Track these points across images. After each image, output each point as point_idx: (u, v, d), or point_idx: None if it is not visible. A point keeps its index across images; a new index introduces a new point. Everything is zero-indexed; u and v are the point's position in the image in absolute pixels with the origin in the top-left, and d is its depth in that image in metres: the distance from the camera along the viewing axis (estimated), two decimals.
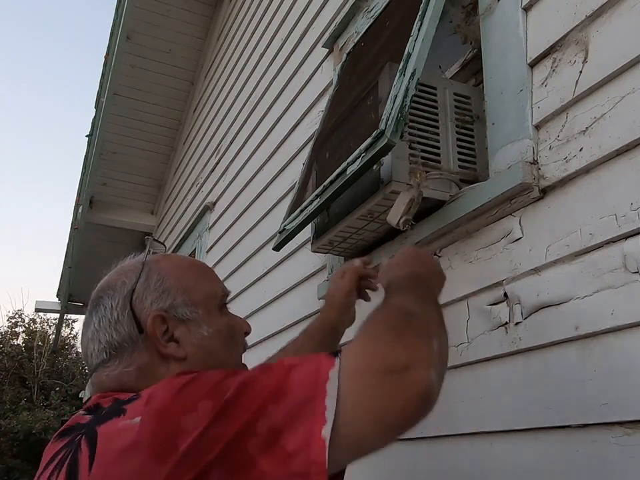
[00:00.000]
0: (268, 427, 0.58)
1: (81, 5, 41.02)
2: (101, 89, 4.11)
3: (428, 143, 1.14)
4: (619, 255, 0.83)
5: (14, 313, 15.31)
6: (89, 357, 0.79)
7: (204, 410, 0.59)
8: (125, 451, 0.60)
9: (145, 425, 0.60)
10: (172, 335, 0.77)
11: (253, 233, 2.51)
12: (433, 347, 0.66)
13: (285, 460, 0.57)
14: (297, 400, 0.59)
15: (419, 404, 0.63)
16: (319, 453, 0.57)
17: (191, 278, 0.83)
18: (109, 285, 0.81)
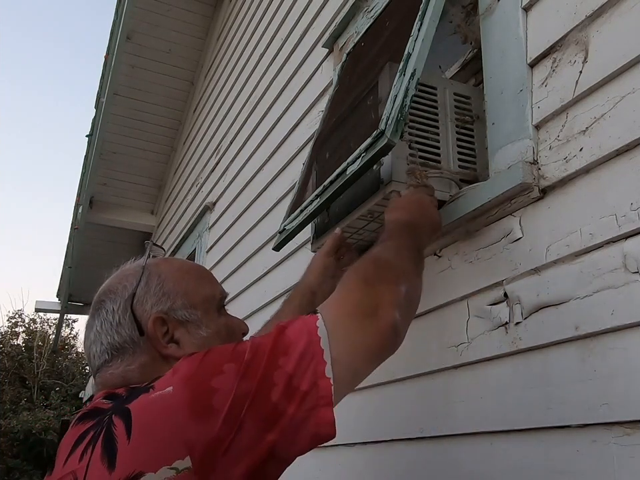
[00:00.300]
0: (283, 376, 0.67)
1: (81, 5, 41.01)
2: (101, 89, 4.11)
3: (428, 142, 1.14)
4: (619, 255, 0.83)
5: (14, 313, 15.31)
6: (92, 358, 0.82)
7: (230, 371, 0.67)
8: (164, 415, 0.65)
9: (178, 390, 0.66)
10: (172, 336, 0.81)
11: (253, 233, 2.51)
12: (398, 292, 0.81)
13: (302, 399, 0.67)
14: (300, 349, 0.70)
15: (390, 336, 0.78)
16: (325, 388, 0.69)
17: (190, 281, 0.87)
18: (111, 289, 0.84)
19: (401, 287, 0.82)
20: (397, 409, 1.30)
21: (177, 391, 0.66)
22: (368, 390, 1.37)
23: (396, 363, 1.29)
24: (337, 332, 0.73)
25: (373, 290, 0.80)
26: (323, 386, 0.69)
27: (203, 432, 0.63)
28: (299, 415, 0.67)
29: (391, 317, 0.78)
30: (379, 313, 0.77)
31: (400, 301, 0.80)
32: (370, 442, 1.37)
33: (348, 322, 0.76)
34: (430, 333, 1.20)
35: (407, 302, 0.82)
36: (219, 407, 0.64)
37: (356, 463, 1.43)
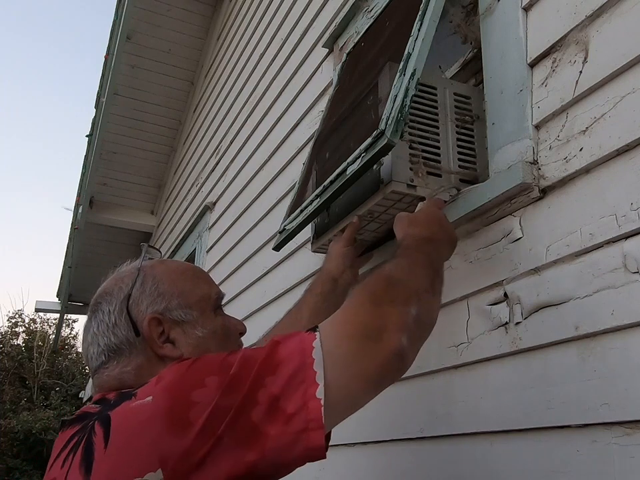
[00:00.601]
0: (268, 396, 0.65)
1: (81, 5, 41.01)
2: (101, 88, 4.11)
3: (428, 142, 1.14)
4: (619, 255, 0.83)
5: (14, 313, 15.31)
6: (90, 359, 0.83)
7: (212, 384, 0.65)
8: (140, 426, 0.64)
9: (157, 401, 0.65)
10: (168, 337, 0.81)
11: (253, 233, 2.51)
12: (407, 313, 0.76)
13: (286, 421, 0.64)
14: (289, 370, 0.66)
15: (393, 363, 0.73)
16: (315, 410, 0.65)
17: (185, 281, 0.87)
18: (107, 291, 0.85)
19: (411, 309, 0.77)
20: (397, 408, 1.30)
21: (156, 402, 0.65)
22: None
23: None
24: (334, 354, 0.69)
25: (380, 311, 0.75)
26: (312, 408, 0.65)
27: (176, 445, 0.62)
28: (284, 438, 0.64)
29: (396, 342, 0.72)
30: (384, 337, 0.72)
31: (408, 324, 0.75)
32: (370, 442, 1.37)
33: (348, 344, 0.71)
34: None
35: (417, 325, 0.77)
36: (195, 420, 0.62)
37: (356, 463, 1.43)
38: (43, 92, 37.98)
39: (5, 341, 14.38)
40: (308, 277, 1.85)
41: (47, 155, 38.48)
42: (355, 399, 0.73)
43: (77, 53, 39.33)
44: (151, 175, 4.74)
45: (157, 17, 3.82)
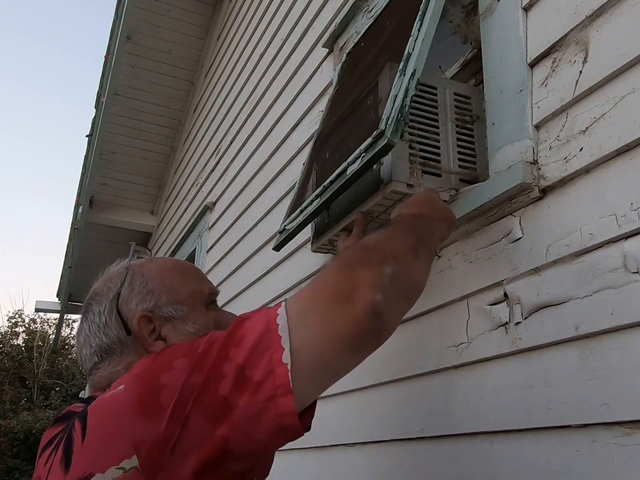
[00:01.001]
0: (233, 367, 0.64)
1: (81, 5, 41.01)
2: (101, 88, 4.11)
3: (428, 142, 1.14)
4: (619, 255, 0.83)
5: (14, 313, 15.33)
6: (84, 361, 0.83)
7: (181, 366, 0.65)
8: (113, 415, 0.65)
9: (128, 389, 0.66)
10: (159, 334, 0.81)
11: (253, 233, 2.51)
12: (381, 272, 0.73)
13: (254, 390, 0.63)
14: (253, 339, 0.66)
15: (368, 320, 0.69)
16: (282, 376, 0.63)
17: (175, 277, 0.87)
18: (96, 292, 0.85)
19: (385, 268, 0.73)
20: (397, 408, 1.30)
21: (126, 389, 0.66)
22: (368, 390, 1.37)
23: (396, 362, 1.29)
24: (300, 318, 0.68)
25: (351, 273, 0.72)
26: (279, 374, 0.64)
27: (149, 430, 0.62)
28: (252, 408, 0.63)
29: (368, 300, 0.69)
30: (355, 296, 0.69)
31: (383, 282, 0.72)
32: (370, 442, 1.37)
33: (316, 307, 0.70)
34: (430, 332, 1.20)
35: (393, 283, 0.73)
36: (166, 403, 0.62)
37: (356, 463, 1.43)
38: (43, 92, 37.98)
39: (5, 341, 14.38)
40: (308, 276, 1.85)
41: (46, 154, 38.49)
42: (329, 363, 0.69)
43: (77, 53, 39.34)
44: (151, 175, 4.74)
45: (157, 17, 3.82)
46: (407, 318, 1.27)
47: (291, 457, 1.63)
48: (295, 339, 0.66)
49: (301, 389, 0.64)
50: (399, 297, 0.75)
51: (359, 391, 1.41)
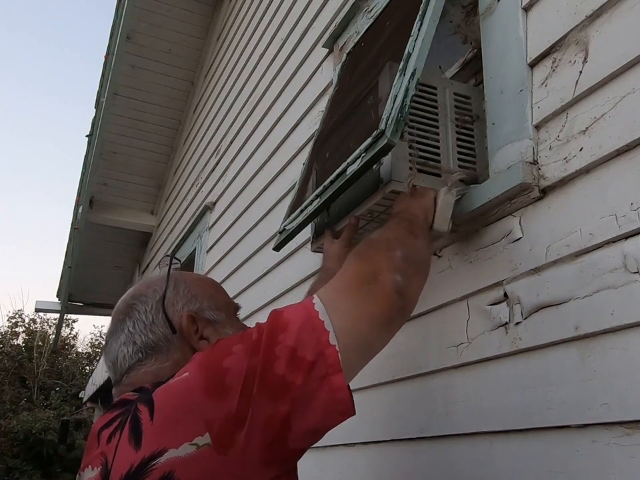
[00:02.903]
0: (285, 349, 0.70)
1: (81, 5, 41.02)
2: (101, 88, 4.11)
3: (428, 142, 1.14)
4: (619, 255, 0.83)
5: (14, 313, 15.34)
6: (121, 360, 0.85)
7: (239, 351, 0.70)
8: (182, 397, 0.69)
9: (193, 374, 0.70)
10: (202, 334, 0.86)
11: (253, 233, 2.51)
12: (393, 256, 0.85)
13: (309, 369, 0.70)
14: (298, 324, 0.72)
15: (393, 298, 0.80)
16: (333, 356, 0.71)
17: (212, 289, 0.95)
18: (140, 293, 0.90)
19: (396, 252, 0.85)
20: (397, 409, 1.30)
21: (192, 374, 0.70)
22: (368, 390, 1.37)
23: (396, 362, 1.29)
24: (336, 304, 0.76)
25: (368, 261, 0.84)
26: (329, 354, 0.71)
27: (219, 409, 0.66)
28: (309, 385, 0.69)
29: (391, 280, 0.81)
30: (379, 278, 0.80)
31: (398, 264, 0.84)
32: (370, 442, 1.37)
33: (346, 293, 0.79)
34: (430, 333, 1.21)
35: (406, 263, 0.85)
36: (233, 384, 0.67)
37: (356, 463, 1.43)
38: (43, 92, 37.98)
39: (5, 341, 14.39)
40: (308, 276, 1.85)
41: (46, 155, 38.50)
42: (367, 341, 0.78)
43: (77, 53, 39.34)
44: (151, 175, 4.74)
45: (157, 17, 3.82)
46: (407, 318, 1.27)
47: None
48: (336, 322, 0.73)
49: (347, 366, 0.72)
50: (414, 273, 0.86)
51: (359, 390, 1.41)
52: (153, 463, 0.65)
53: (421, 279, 0.90)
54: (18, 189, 36.24)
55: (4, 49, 37.64)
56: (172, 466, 0.64)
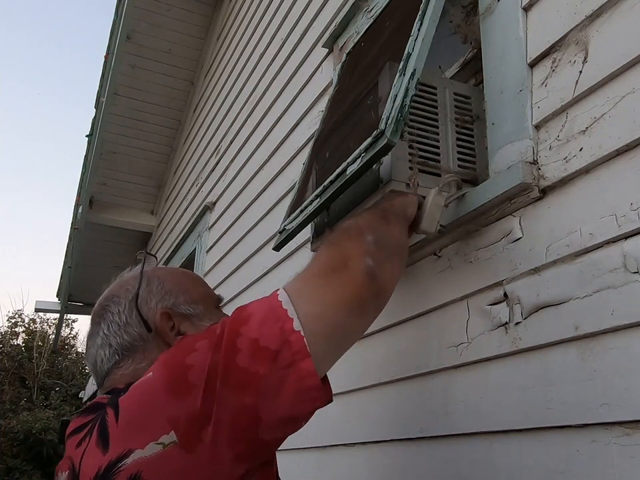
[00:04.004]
0: (246, 341, 0.69)
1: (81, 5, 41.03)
2: (101, 88, 4.11)
3: (428, 142, 1.14)
4: (619, 255, 0.83)
5: (14, 313, 15.33)
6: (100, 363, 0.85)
7: (203, 347, 0.69)
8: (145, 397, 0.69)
9: (156, 373, 0.70)
10: (178, 330, 0.85)
11: (253, 233, 2.51)
12: (365, 241, 0.83)
13: (273, 358, 0.68)
14: (260, 315, 0.71)
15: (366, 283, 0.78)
16: (298, 342, 0.69)
17: (187, 282, 0.93)
18: (112, 294, 0.88)
19: (366, 237, 0.84)
20: (397, 408, 1.30)
21: (155, 374, 0.70)
22: (368, 390, 1.37)
23: (396, 362, 1.29)
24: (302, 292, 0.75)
25: (338, 248, 0.83)
26: (294, 341, 0.69)
27: (183, 407, 0.65)
28: (274, 374, 0.68)
29: (361, 264, 0.79)
30: (349, 264, 0.79)
31: (368, 248, 0.82)
32: (370, 442, 1.37)
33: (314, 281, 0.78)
34: (430, 333, 1.20)
35: (377, 247, 0.83)
36: (196, 381, 0.66)
37: (356, 463, 1.43)
38: (43, 92, 37.99)
39: (5, 341, 14.39)
40: None
41: (46, 154, 38.50)
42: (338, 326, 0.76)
43: (77, 53, 39.36)
44: (151, 175, 4.74)
45: (157, 17, 3.82)
46: (407, 318, 1.27)
47: (290, 457, 1.63)
48: (301, 308, 0.72)
49: (317, 352, 0.70)
50: (387, 257, 0.85)
51: (359, 390, 1.41)
52: (120, 465, 0.65)
53: (396, 263, 0.88)
54: (18, 188, 36.26)
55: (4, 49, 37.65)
56: (139, 467, 0.64)
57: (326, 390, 0.72)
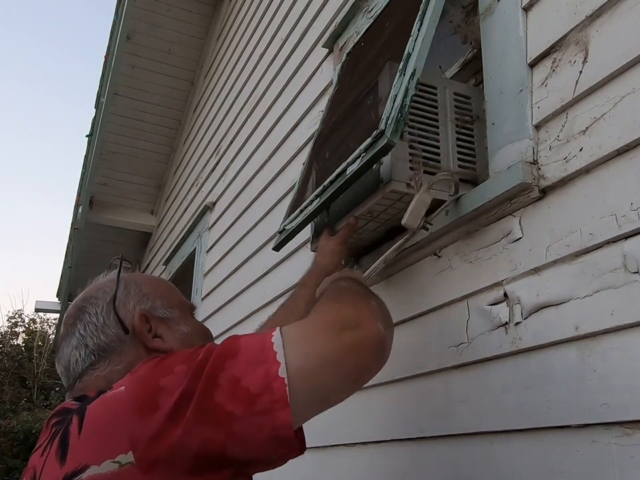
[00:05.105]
0: (229, 378, 0.66)
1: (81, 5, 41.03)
2: (101, 88, 4.12)
3: (428, 142, 1.14)
4: (619, 255, 0.83)
5: (14, 313, 15.31)
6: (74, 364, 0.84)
7: (180, 372, 0.67)
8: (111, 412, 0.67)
9: (128, 389, 0.68)
10: (155, 333, 0.85)
11: (253, 233, 2.51)
12: (371, 304, 0.79)
13: (251, 402, 0.65)
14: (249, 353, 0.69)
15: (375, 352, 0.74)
16: (279, 390, 0.66)
17: (164, 288, 0.94)
18: (90, 296, 0.88)
19: (371, 301, 0.81)
20: (397, 409, 1.30)
21: (127, 390, 0.68)
22: (368, 390, 1.37)
23: (396, 363, 1.29)
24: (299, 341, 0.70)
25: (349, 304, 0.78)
26: (277, 388, 0.66)
27: (146, 428, 0.64)
28: (249, 418, 0.65)
29: (375, 328, 0.74)
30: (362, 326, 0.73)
31: (377, 312, 0.78)
32: (370, 442, 1.37)
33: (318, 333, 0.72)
34: (430, 333, 1.20)
35: (382, 314, 0.79)
36: (163, 404, 0.65)
37: (356, 463, 1.43)
38: (43, 92, 37.99)
39: (5, 341, 14.38)
40: None
41: (46, 154, 38.51)
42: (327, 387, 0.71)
43: (77, 53, 39.36)
44: (151, 175, 4.74)
45: (157, 17, 3.82)
46: (407, 318, 1.27)
47: None
48: (292, 357, 0.68)
49: (298, 404, 0.67)
50: (389, 326, 0.80)
51: (359, 390, 1.41)
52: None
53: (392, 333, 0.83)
54: (18, 189, 36.24)
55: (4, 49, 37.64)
56: None
57: (299, 442, 0.69)
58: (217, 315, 2.86)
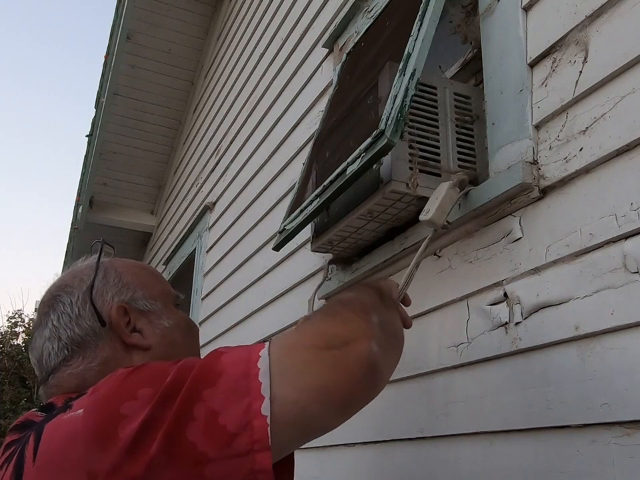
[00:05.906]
0: (205, 411, 0.57)
1: (81, 5, 41.04)
2: (101, 89, 4.12)
3: (428, 142, 1.14)
4: (619, 255, 0.83)
5: (14, 313, 15.29)
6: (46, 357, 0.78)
7: (144, 397, 0.59)
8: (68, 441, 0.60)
9: (87, 415, 0.60)
10: (134, 327, 0.79)
11: (253, 233, 2.51)
12: (371, 321, 0.70)
13: (228, 442, 0.57)
14: (230, 381, 0.59)
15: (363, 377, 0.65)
16: (260, 430, 0.57)
17: (146, 276, 0.86)
18: (66, 284, 0.81)
19: (372, 317, 0.71)
20: (397, 409, 1.30)
21: (85, 415, 0.60)
22: None
23: None
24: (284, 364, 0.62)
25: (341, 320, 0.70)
26: (257, 427, 0.58)
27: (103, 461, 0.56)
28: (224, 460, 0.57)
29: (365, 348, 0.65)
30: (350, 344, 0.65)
31: (375, 331, 0.69)
32: (370, 442, 1.37)
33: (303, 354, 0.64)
34: (430, 332, 1.20)
35: (383, 333, 0.71)
36: (124, 436, 0.56)
37: (356, 463, 1.43)
38: (43, 92, 38.00)
39: (5, 341, 14.38)
40: (308, 276, 1.85)
41: (47, 154, 38.51)
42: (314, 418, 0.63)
43: (77, 53, 39.37)
44: (151, 175, 4.74)
45: (157, 17, 3.82)
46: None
47: None
48: (277, 387, 0.60)
49: (280, 442, 0.59)
50: (390, 347, 0.73)
51: None
52: None
53: (396, 354, 0.76)
54: (18, 189, 36.25)
55: (3, 49, 37.64)
56: None
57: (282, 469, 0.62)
58: (217, 315, 2.86)
